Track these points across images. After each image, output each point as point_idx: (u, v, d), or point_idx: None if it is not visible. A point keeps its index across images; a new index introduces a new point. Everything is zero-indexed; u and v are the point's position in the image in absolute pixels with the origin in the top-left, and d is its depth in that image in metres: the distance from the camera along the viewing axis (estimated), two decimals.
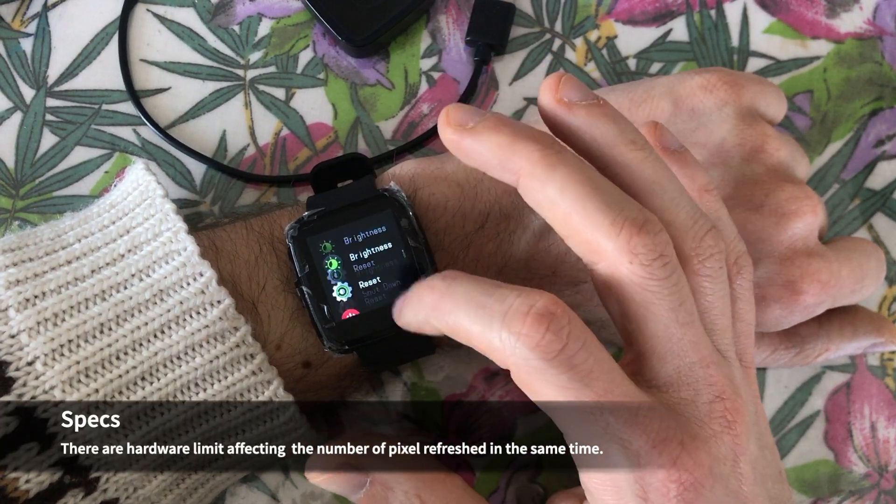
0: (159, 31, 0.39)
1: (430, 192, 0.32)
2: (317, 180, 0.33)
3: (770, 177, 0.32)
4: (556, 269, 0.32)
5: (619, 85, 0.35)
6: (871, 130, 0.39)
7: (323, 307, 0.30)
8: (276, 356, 0.30)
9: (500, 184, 0.32)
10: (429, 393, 0.37)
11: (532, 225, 0.32)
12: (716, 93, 0.33)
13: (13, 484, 0.27)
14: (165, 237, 0.30)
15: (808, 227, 0.32)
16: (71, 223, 0.31)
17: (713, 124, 0.33)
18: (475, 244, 0.32)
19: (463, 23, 0.40)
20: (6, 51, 0.39)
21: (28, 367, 0.27)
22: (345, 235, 0.30)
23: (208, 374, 0.29)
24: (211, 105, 0.39)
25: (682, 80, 0.33)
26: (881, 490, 0.37)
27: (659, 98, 0.33)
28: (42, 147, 0.38)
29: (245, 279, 0.30)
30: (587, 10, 0.40)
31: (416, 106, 0.39)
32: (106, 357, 0.28)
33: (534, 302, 0.24)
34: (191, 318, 0.29)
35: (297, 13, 0.40)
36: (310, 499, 0.36)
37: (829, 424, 0.37)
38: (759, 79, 0.35)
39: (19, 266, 0.29)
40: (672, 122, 0.33)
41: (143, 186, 0.31)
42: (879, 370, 0.37)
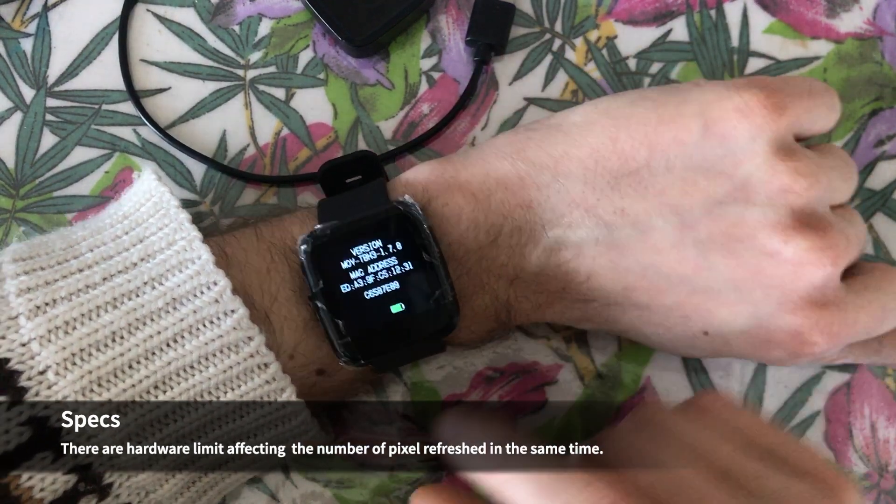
0: (159, 31, 0.39)
1: (444, 203, 0.31)
2: (325, 179, 0.33)
3: (794, 221, 0.30)
4: (567, 286, 0.32)
5: (654, 91, 0.32)
6: (871, 130, 0.39)
7: (338, 322, 0.30)
8: (289, 365, 0.30)
9: (513, 196, 0.31)
10: (429, 393, 0.37)
11: (544, 241, 0.31)
12: (752, 118, 0.30)
13: (28, 493, 0.27)
14: (179, 245, 0.29)
15: (826, 277, 0.30)
16: (83, 234, 0.31)
17: (743, 154, 0.30)
18: (488, 256, 0.31)
19: (463, 23, 0.40)
20: (6, 51, 0.39)
21: (40, 377, 0.27)
22: (359, 251, 0.30)
23: (221, 383, 0.29)
24: (211, 105, 0.39)
25: (718, 100, 0.31)
26: (881, 490, 0.37)
27: (689, 118, 0.31)
28: (42, 147, 0.38)
29: (257, 289, 0.30)
30: (587, 10, 0.40)
31: (416, 106, 0.39)
32: (119, 366, 0.28)
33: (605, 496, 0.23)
34: (204, 328, 0.29)
35: (297, 13, 0.40)
36: (310, 499, 0.36)
37: (829, 424, 0.37)
38: (809, 91, 0.32)
39: (31, 274, 0.29)
40: (699, 146, 0.31)
41: (157, 197, 0.31)
42: (879, 370, 0.37)
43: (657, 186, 0.31)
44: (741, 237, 0.30)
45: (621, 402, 0.37)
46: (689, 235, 0.30)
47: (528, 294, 0.32)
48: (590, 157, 0.31)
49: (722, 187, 0.30)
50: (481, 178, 0.32)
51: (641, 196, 0.31)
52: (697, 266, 0.30)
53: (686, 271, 0.31)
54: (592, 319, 0.33)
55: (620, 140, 0.31)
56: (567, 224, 0.31)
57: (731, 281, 0.30)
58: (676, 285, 0.31)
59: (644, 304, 0.31)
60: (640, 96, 0.32)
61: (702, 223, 0.30)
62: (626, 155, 0.31)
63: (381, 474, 0.36)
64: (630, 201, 0.31)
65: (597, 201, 0.31)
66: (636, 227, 0.31)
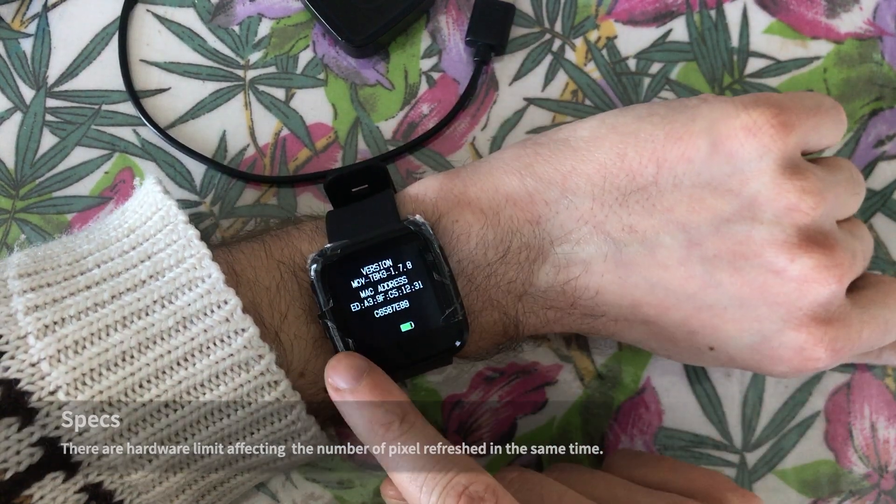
0: (159, 32, 0.39)
1: (454, 220, 0.31)
2: (331, 189, 0.33)
3: (800, 239, 0.30)
4: (575, 302, 0.32)
5: (662, 106, 0.32)
6: (871, 131, 0.39)
7: (348, 341, 0.30)
8: (299, 382, 0.30)
9: (522, 212, 0.31)
10: (429, 393, 0.37)
11: (552, 257, 0.31)
12: (759, 137, 0.30)
13: None
14: (189, 263, 0.29)
15: (831, 295, 0.30)
16: (89, 248, 0.30)
17: (750, 173, 0.30)
18: (497, 272, 0.31)
19: (463, 23, 0.40)
20: (6, 51, 0.39)
21: (50, 397, 0.27)
22: (369, 270, 0.30)
23: (232, 401, 0.29)
24: (211, 105, 0.39)
25: (726, 117, 0.31)
26: (881, 490, 0.37)
27: (697, 136, 0.31)
28: (42, 147, 0.38)
29: (266, 307, 0.30)
30: (587, 11, 0.40)
31: (416, 106, 0.39)
32: (129, 386, 0.28)
33: (469, 482, 0.27)
34: (215, 347, 0.29)
35: (297, 13, 0.40)
36: (310, 499, 0.36)
37: (829, 425, 0.37)
38: (817, 107, 0.32)
39: (37, 291, 0.28)
40: (707, 163, 0.31)
41: (164, 210, 0.31)
42: (879, 370, 0.37)
43: (665, 203, 0.31)
44: (748, 255, 0.30)
45: (621, 402, 0.37)
46: (696, 252, 0.30)
47: (536, 310, 0.32)
48: (598, 172, 0.31)
49: (729, 205, 0.30)
50: (490, 193, 0.32)
51: (649, 213, 0.31)
52: (704, 283, 0.31)
53: (693, 288, 0.31)
54: (599, 333, 0.33)
55: (628, 156, 0.31)
56: (575, 240, 0.31)
57: (737, 298, 0.31)
58: (683, 302, 0.31)
59: (651, 320, 0.32)
60: (647, 112, 0.32)
61: (709, 240, 0.30)
62: (633, 171, 0.31)
63: (381, 474, 0.36)
64: (638, 218, 0.31)
65: (605, 217, 0.31)
66: (644, 244, 0.31)
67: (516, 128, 0.39)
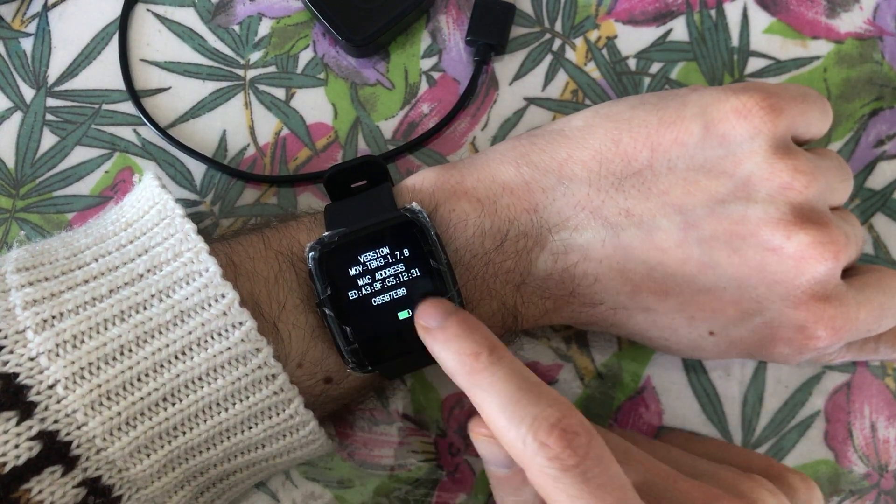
0: (159, 31, 0.39)
1: (451, 209, 0.32)
2: (330, 183, 0.33)
3: (795, 216, 0.31)
4: (574, 290, 0.32)
5: (653, 95, 0.33)
6: (871, 130, 0.39)
7: (346, 329, 0.30)
8: (296, 374, 0.30)
9: (519, 201, 0.32)
10: (429, 393, 0.37)
11: (550, 244, 0.32)
12: (750, 119, 0.31)
13: None
14: (186, 257, 0.29)
15: (828, 271, 0.31)
16: (86, 241, 0.31)
17: (742, 154, 0.31)
18: (494, 261, 0.31)
19: (463, 23, 0.40)
20: (6, 51, 0.39)
21: (49, 391, 0.27)
22: (367, 258, 0.30)
23: (230, 394, 0.29)
24: (211, 105, 0.39)
25: (716, 102, 0.31)
26: (881, 490, 0.37)
27: (690, 120, 0.31)
28: (42, 147, 0.38)
29: (265, 298, 0.30)
30: (587, 10, 0.40)
31: (416, 106, 0.39)
32: (127, 379, 0.28)
33: (562, 415, 0.26)
34: (212, 340, 0.29)
35: (297, 13, 0.40)
36: (310, 499, 0.36)
37: (829, 424, 0.37)
38: (804, 95, 0.33)
39: (35, 286, 0.28)
40: (700, 146, 0.31)
41: (161, 205, 0.31)
42: (879, 370, 0.37)
43: (660, 186, 0.31)
44: (744, 234, 0.31)
45: (621, 401, 0.37)
46: (692, 234, 0.31)
47: (535, 299, 0.32)
48: (593, 159, 0.31)
49: (723, 186, 0.31)
50: (487, 183, 0.32)
51: (645, 196, 0.31)
52: (702, 264, 0.31)
53: (691, 270, 0.31)
54: (599, 324, 0.33)
55: (623, 142, 0.31)
56: (573, 226, 0.31)
57: (735, 278, 0.31)
58: (682, 285, 0.31)
59: (650, 307, 0.32)
60: (640, 101, 0.33)
61: (705, 222, 0.31)
62: (628, 156, 0.31)
63: (381, 474, 0.36)
64: (634, 202, 0.31)
65: (602, 203, 0.31)
66: (641, 228, 0.31)
67: (516, 127, 0.39)
